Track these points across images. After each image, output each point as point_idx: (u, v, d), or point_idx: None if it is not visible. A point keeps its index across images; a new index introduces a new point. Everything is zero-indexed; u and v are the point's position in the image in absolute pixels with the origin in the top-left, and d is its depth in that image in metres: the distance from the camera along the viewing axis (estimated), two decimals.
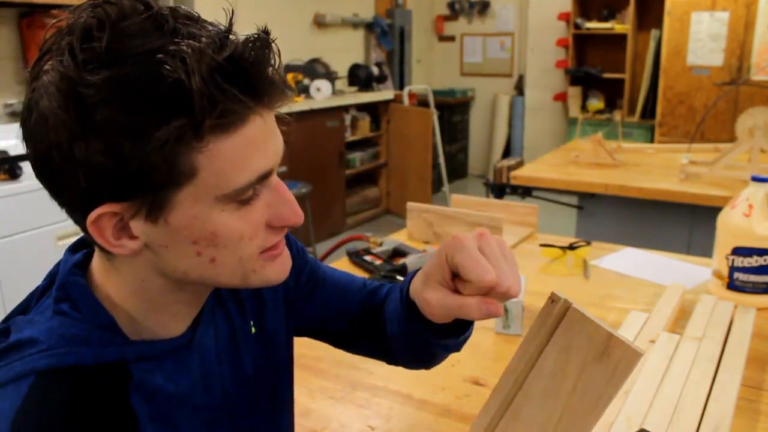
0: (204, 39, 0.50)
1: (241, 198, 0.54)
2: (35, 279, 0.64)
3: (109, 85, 0.48)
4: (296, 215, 0.59)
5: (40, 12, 3.09)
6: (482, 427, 0.57)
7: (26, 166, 2.56)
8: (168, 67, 0.48)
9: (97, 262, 0.61)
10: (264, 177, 0.55)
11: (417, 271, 0.69)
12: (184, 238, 0.54)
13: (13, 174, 2.49)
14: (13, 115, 3.07)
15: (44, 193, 0.56)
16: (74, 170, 0.50)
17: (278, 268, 0.61)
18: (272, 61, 0.53)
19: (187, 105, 0.48)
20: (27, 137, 0.53)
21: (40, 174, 0.54)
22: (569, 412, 0.55)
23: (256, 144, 0.54)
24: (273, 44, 0.53)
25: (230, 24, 0.52)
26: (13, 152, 2.63)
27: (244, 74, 0.51)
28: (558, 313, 0.54)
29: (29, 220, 2.47)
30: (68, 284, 0.59)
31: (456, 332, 0.69)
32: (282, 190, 0.58)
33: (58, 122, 0.49)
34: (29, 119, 0.52)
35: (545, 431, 0.55)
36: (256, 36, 0.52)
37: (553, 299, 0.54)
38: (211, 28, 0.53)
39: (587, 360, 0.54)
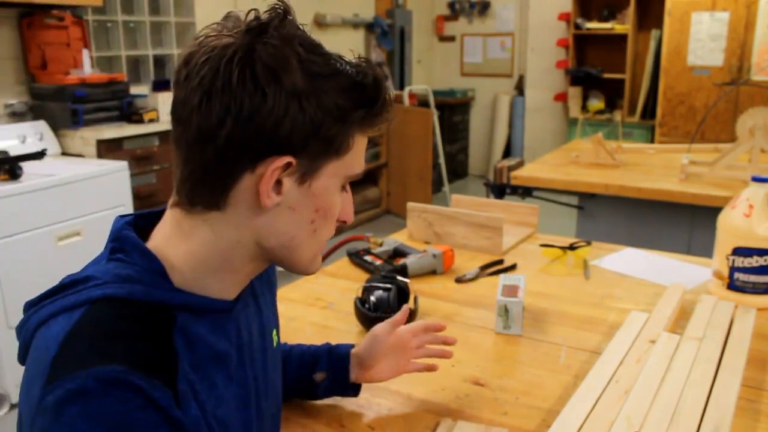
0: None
1: (347, 182, 0.69)
2: (35, 279, 0.64)
3: (327, 66, 0.62)
4: (351, 216, 0.72)
5: (40, 12, 3.09)
6: None
7: (26, 166, 2.57)
8: (364, 65, 0.65)
9: (167, 225, 0.66)
10: (359, 174, 0.70)
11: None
12: (312, 204, 0.65)
13: (13, 174, 2.49)
14: (13, 115, 3.07)
15: (44, 193, 0.56)
16: (283, 119, 0.59)
17: (318, 262, 0.72)
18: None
19: (377, 101, 0.65)
20: (228, 82, 0.58)
21: (228, 116, 0.59)
22: None
23: (365, 148, 0.70)
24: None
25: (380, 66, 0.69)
26: (13, 152, 2.63)
27: (389, 100, 0.67)
28: None
29: (29, 220, 2.46)
30: (122, 237, 0.65)
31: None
32: (350, 194, 0.72)
33: (284, 75, 0.59)
34: (238, 67, 0.58)
35: None
36: (383, 71, 0.69)
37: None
38: None
39: None
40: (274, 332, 0.82)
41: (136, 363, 0.55)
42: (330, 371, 0.97)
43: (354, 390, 0.99)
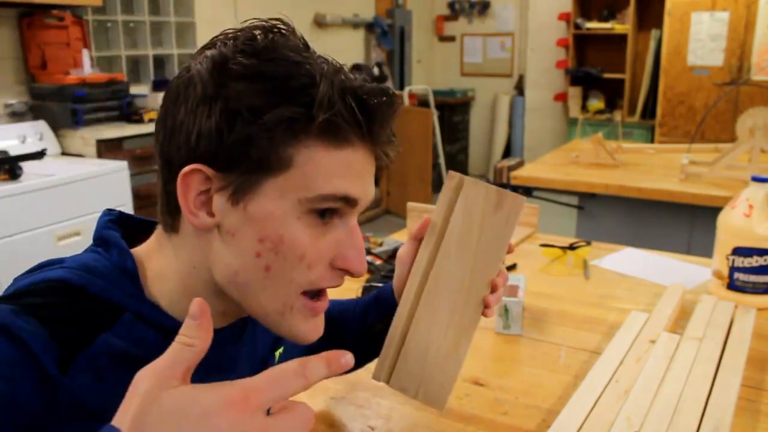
0: (346, 69, 0.58)
1: (320, 208, 0.56)
2: None
3: (252, 68, 0.55)
4: (361, 264, 0.60)
5: (40, 12, 3.09)
6: (414, 284, 0.69)
7: (26, 166, 2.56)
8: (307, 67, 0.55)
9: (153, 239, 0.64)
10: (348, 201, 0.58)
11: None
12: (253, 231, 0.56)
13: (13, 174, 2.49)
14: (13, 115, 3.07)
15: (44, 193, 0.57)
16: (192, 127, 0.55)
17: (312, 327, 0.61)
18: (391, 112, 0.58)
19: (308, 101, 0.54)
20: (166, 97, 0.59)
21: (161, 130, 0.59)
22: (479, 259, 0.69)
23: (352, 169, 0.57)
24: (397, 101, 0.59)
25: (372, 74, 0.61)
26: (13, 152, 2.63)
27: (364, 106, 0.56)
28: (456, 186, 0.69)
29: (29, 220, 2.46)
30: (104, 235, 0.63)
31: None
32: (357, 235, 0.60)
33: (198, 82, 0.56)
34: (175, 82, 0.59)
35: (462, 280, 0.69)
36: (387, 88, 0.58)
37: (450, 176, 0.69)
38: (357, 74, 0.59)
39: (485, 214, 0.69)
40: (278, 352, 0.77)
41: (35, 313, 0.53)
42: (385, 318, 0.81)
43: None
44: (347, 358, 0.45)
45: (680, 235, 2.42)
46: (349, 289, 1.40)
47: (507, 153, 6.68)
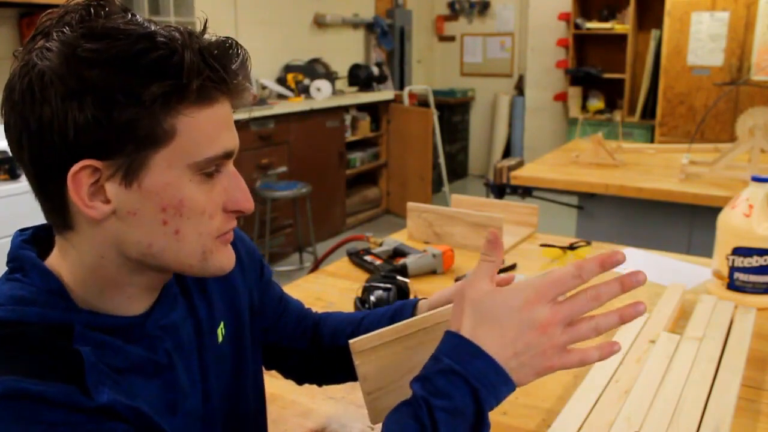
0: (195, 31, 0.59)
1: (207, 170, 0.60)
2: None
3: (105, 51, 0.54)
4: (248, 201, 0.64)
5: (40, 12, 3.08)
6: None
7: None
8: (161, 39, 0.56)
9: (55, 245, 0.63)
10: (228, 155, 0.62)
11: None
12: (154, 204, 0.58)
13: (13, 174, 2.49)
14: None
15: None
16: (64, 124, 0.54)
17: (229, 255, 0.65)
18: (241, 59, 0.61)
19: (176, 71, 0.55)
20: (16, 100, 0.56)
21: (23, 135, 0.56)
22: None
23: (225, 123, 0.61)
24: (243, 48, 0.61)
25: (205, 26, 0.61)
26: None
27: (221, 63, 0.58)
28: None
29: (29, 220, 2.45)
30: (19, 256, 0.62)
31: None
32: (237, 177, 0.64)
33: (55, 78, 0.54)
34: (21, 82, 0.56)
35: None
36: (231, 39, 0.61)
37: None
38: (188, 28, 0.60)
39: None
40: (220, 328, 0.75)
41: (30, 371, 0.52)
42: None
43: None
44: (619, 256, 0.62)
45: (680, 235, 2.42)
46: (349, 289, 1.40)
47: (507, 153, 6.68)
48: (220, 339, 0.75)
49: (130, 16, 0.58)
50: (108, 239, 0.59)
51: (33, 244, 0.64)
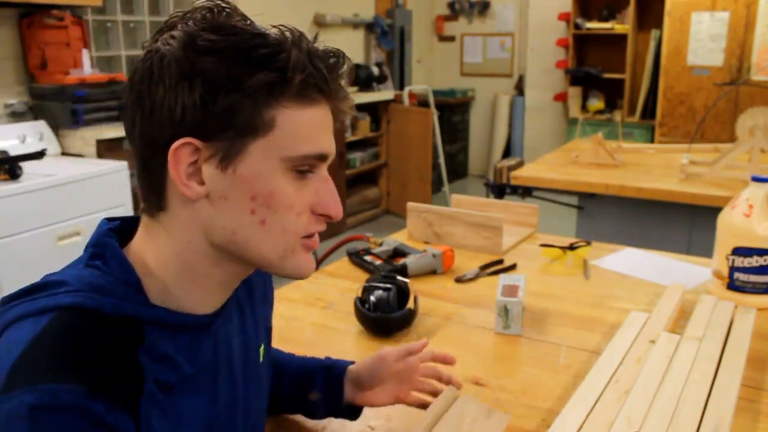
0: (305, 35, 0.63)
1: (301, 167, 0.62)
2: (35, 279, 0.63)
3: (221, 42, 0.59)
4: (337, 207, 0.65)
5: (40, 12, 3.08)
6: None
7: (26, 166, 2.56)
8: (274, 38, 0.60)
9: (141, 230, 0.66)
10: (323, 157, 0.64)
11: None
12: (244, 192, 0.61)
13: (13, 174, 2.49)
14: (13, 115, 3.07)
15: (44, 193, 0.57)
16: (174, 104, 0.58)
17: (309, 261, 0.67)
18: (346, 68, 0.65)
19: (282, 64, 0.59)
20: (135, 81, 0.61)
21: (137, 113, 0.60)
22: None
23: (323, 126, 0.63)
24: (349, 60, 0.66)
25: (316, 36, 0.65)
26: (13, 152, 2.63)
27: (326, 66, 0.62)
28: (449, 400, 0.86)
29: (29, 220, 2.46)
30: (102, 244, 0.64)
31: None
32: (330, 183, 0.66)
33: (173, 61, 0.58)
34: (143, 65, 0.60)
35: None
36: (339, 50, 0.65)
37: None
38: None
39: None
40: (262, 348, 0.80)
41: (97, 384, 0.53)
42: (325, 390, 0.92)
43: (352, 413, 0.93)
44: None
45: (680, 235, 2.42)
46: (349, 289, 1.40)
47: (507, 153, 6.68)
48: (261, 359, 0.79)
49: (249, 21, 0.63)
50: (197, 222, 0.62)
51: (118, 234, 0.66)
